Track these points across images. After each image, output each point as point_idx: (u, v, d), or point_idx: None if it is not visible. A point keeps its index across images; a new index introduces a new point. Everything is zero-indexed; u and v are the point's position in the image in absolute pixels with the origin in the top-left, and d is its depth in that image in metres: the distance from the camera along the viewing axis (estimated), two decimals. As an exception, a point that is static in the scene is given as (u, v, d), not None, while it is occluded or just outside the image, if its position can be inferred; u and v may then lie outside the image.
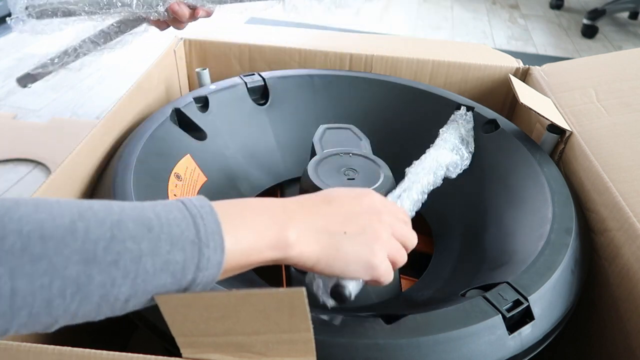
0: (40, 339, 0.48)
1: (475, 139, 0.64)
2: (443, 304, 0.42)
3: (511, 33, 1.99)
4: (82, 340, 0.57)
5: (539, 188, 0.54)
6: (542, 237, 0.48)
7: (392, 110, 0.71)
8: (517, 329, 0.40)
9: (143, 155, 0.54)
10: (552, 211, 0.50)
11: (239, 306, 0.28)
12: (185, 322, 0.29)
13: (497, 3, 2.35)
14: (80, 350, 0.33)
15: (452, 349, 0.38)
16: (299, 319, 0.29)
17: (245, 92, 0.69)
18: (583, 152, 0.58)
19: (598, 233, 0.53)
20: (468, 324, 0.38)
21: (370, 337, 0.37)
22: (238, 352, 0.31)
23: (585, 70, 0.72)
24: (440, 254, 0.59)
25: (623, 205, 0.50)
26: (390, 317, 0.39)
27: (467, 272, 0.52)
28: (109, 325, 0.63)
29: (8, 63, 1.48)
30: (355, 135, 0.61)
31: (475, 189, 0.61)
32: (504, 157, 0.61)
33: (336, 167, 0.53)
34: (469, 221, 0.60)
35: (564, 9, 2.31)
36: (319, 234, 0.34)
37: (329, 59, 0.80)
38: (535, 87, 0.73)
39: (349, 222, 0.36)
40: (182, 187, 0.56)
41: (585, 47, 1.90)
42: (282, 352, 0.31)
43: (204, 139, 0.63)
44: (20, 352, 0.33)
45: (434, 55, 0.79)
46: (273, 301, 0.28)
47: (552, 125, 0.63)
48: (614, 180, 0.52)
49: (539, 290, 0.42)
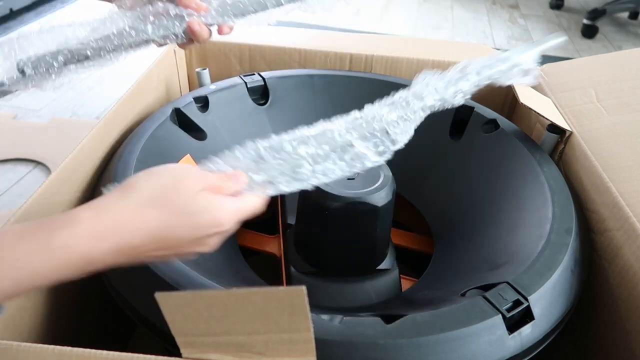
0: (40, 339, 0.48)
1: (476, 138, 0.64)
2: (443, 304, 0.42)
3: (511, 33, 1.99)
4: (82, 340, 0.57)
5: (539, 188, 0.54)
6: (542, 237, 0.48)
7: (392, 110, 0.71)
8: (517, 329, 0.40)
9: (143, 155, 0.54)
10: (552, 211, 0.50)
11: (240, 305, 0.28)
12: (185, 321, 0.30)
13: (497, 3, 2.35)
14: (80, 350, 0.33)
15: (452, 349, 0.38)
16: (299, 318, 0.29)
17: (245, 92, 0.69)
18: (583, 152, 0.58)
19: (598, 233, 0.53)
20: (468, 324, 0.38)
21: (370, 337, 0.37)
22: (238, 352, 0.31)
23: (585, 70, 0.72)
24: (440, 254, 0.59)
25: (623, 205, 0.50)
26: (390, 317, 0.39)
27: (467, 272, 0.52)
28: (109, 325, 0.63)
29: (8, 63, 1.48)
30: (355, 135, 0.61)
31: (475, 188, 0.61)
32: (504, 157, 0.61)
33: (336, 167, 0.53)
34: (469, 221, 0.60)
35: (564, 9, 2.31)
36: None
37: (329, 59, 0.80)
38: (535, 87, 0.73)
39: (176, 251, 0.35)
40: (182, 187, 0.56)
41: (585, 47, 1.90)
42: (282, 352, 0.31)
43: (204, 139, 0.63)
44: (20, 352, 0.33)
45: (434, 55, 0.79)
46: (273, 300, 0.28)
47: (552, 125, 0.62)
48: (614, 180, 0.52)
49: (539, 290, 0.42)
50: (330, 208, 0.49)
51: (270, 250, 0.63)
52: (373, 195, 0.50)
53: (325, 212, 0.50)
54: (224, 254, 0.54)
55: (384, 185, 0.51)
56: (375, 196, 0.50)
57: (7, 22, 1.73)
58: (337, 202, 0.49)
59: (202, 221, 0.35)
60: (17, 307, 0.45)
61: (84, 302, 0.57)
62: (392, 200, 0.52)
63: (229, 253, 0.55)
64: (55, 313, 0.50)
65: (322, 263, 0.54)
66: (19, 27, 1.71)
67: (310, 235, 0.55)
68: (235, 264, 0.53)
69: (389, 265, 0.56)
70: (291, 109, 0.71)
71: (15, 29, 1.69)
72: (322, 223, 0.51)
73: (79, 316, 0.56)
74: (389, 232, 0.57)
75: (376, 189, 0.50)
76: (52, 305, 0.50)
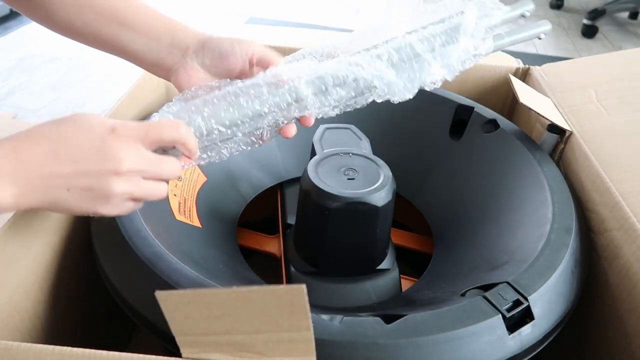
0: (40, 339, 0.48)
1: (476, 138, 0.64)
2: (443, 304, 0.42)
3: (511, 33, 1.99)
4: (82, 341, 0.57)
5: (539, 188, 0.54)
6: (542, 236, 0.48)
7: (392, 111, 0.71)
8: (517, 329, 0.40)
9: (143, 155, 0.54)
10: (552, 211, 0.50)
11: (240, 303, 0.28)
12: (185, 320, 0.30)
13: (497, 3, 2.34)
14: (81, 350, 0.33)
15: (452, 349, 0.38)
16: (299, 316, 0.29)
17: (245, 92, 0.69)
18: (583, 152, 0.58)
19: (598, 233, 0.53)
20: (468, 324, 0.38)
21: (370, 337, 0.37)
22: (238, 351, 0.31)
23: (585, 70, 0.72)
24: (440, 254, 0.59)
25: (623, 205, 0.50)
26: (390, 317, 0.39)
27: (467, 272, 0.52)
28: (109, 325, 0.63)
29: (8, 63, 1.48)
30: (355, 135, 0.61)
31: (475, 188, 0.61)
32: (504, 157, 0.61)
33: (336, 167, 0.53)
34: (469, 221, 0.60)
35: (564, 9, 2.31)
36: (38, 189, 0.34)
37: (329, 59, 0.80)
38: (535, 87, 0.73)
39: (77, 180, 0.35)
40: (182, 186, 0.56)
41: (585, 47, 1.90)
42: (282, 351, 0.31)
43: (204, 139, 0.63)
44: (20, 352, 0.33)
45: (434, 55, 0.78)
46: (273, 298, 0.28)
47: (552, 125, 0.63)
48: (614, 180, 0.52)
49: (539, 290, 0.42)
50: (330, 208, 0.49)
51: (270, 250, 0.63)
52: (373, 195, 0.50)
53: (325, 212, 0.50)
54: (224, 254, 0.54)
55: (384, 185, 0.51)
56: (375, 196, 0.50)
57: (7, 22, 1.74)
58: (337, 202, 0.49)
59: (99, 131, 0.35)
60: (17, 307, 0.45)
61: (84, 302, 0.57)
62: (392, 200, 0.52)
63: (229, 253, 0.55)
64: (55, 313, 0.50)
65: (322, 263, 0.54)
66: (18, 27, 1.71)
67: (310, 235, 0.55)
68: (235, 264, 0.53)
69: (389, 265, 0.56)
70: (291, 109, 0.71)
71: (15, 29, 1.69)
72: (322, 223, 0.51)
73: (79, 316, 0.56)
74: (389, 232, 0.57)
75: (376, 189, 0.50)
76: (52, 305, 0.50)
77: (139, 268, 0.42)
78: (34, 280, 0.47)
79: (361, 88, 0.45)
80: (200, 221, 0.55)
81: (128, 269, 0.44)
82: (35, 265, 0.47)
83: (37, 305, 0.48)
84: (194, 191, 0.58)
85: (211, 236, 0.55)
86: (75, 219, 0.53)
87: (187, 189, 0.57)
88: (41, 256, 0.48)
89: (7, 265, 0.44)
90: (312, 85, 0.43)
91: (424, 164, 0.67)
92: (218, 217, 0.59)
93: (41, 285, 0.48)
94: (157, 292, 0.28)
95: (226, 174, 0.63)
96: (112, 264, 0.45)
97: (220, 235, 0.57)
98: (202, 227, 0.55)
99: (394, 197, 0.52)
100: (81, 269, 0.54)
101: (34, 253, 0.47)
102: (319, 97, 0.44)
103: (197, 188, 0.58)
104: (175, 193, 0.55)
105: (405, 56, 0.45)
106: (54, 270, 0.50)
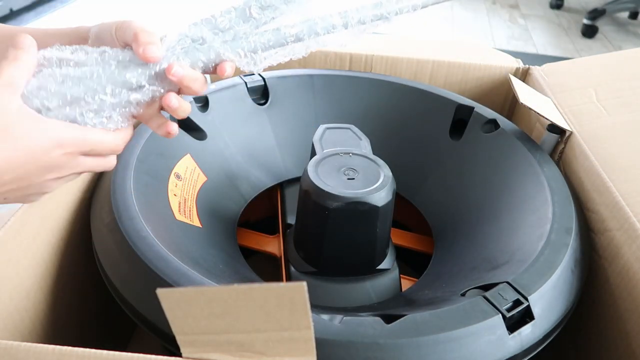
0: (40, 339, 0.48)
1: (476, 138, 0.64)
2: (443, 304, 0.42)
3: (511, 33, 1.99)
4: (82, 340, 0.57)
5: (539, 188, 0.54)
6: (542, 236, 0.48)
7: (392, 110, 0.71)
8: (517, 328, 0.40)
9: (143, 155, 0.54)
10: (552, 211, 0.50)
11: (240, 301, 0.28)
12: (186, 318, 0.29)
13: (497, 3, 2.35)
14: (81, 350, 0.33)
15: (452, 349, 0.38)
16: (299, 315, 0.29)
17: (245, 91, 0.69)
18: (583, 152, 0.58)
19: (598, 233, 0.53)
20: (468, 324, 0.38)
21: (370, 337, 0.37)
22: (238, 351, 0.31)
23: (585, 70, 0.72)
24: (440, 254, 0.59)
25: (623, 205, 0.50)
26: (390, 317, 0.39)
27: (467, 272, 0.52)
28: (109, 325, 0.63)
29: (8, 63, 1.48)
30: (355, 135, 0.61)
31: (475, 188, 0.61)
32: (504, 157, 0.61)
33: (336, 166, 0.53)
34: (469, 221, 0.60)
35: (564, 9, 2.31)
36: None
37: (329, 59, 0.80)
38: (535, 87, 0.73)
39: (15, 191, 0.36)
40: (182, 186, 0.56)
41: (585, 47, 1.90)
42: (282, 351, 0.31)
43: (204, 139, 0.63)
44: (20, 352, 0.33)
45: (434, 55, 0.79)
46: (274, 296, 0.28)
47: (552, 125, 0.63)
48: (614, 180, 0.52)
49: (539, 290, 0.42)
50: (330, 208, 0.49)
51: (270, 250, 0.63)
52: (373, 195, 0.50)
53: (325, 212, 0.50)
54: (224, 253, 0.54)
55: (384, 185, 0.51)
56: (375, 196, 0.50)
57: (7, 22, 1.74)
58: (337, 202, 0.49)
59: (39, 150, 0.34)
60: (17, 307, 0.45)
61: (84, 302, 0.57)
62: (392, 200, 0.52)
63: (229, 253, 0.55)
64: (55, 313, 0.50)
65: (322, 263, 0.54)
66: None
67: (310, 235, 0.55)
68: (235, 264, 0.53)
69: (389, 265, 0.56)
70: (291, 108, 0.71)
71: (15, 29, 1.69)
72: (322, 223, 0.51)
73: (79, 316, 0.56)
74: (389, 232, 0.57)
75: (376, 189, 0.50)
76: (52, 305, 0.50)
77: (139, 268, 0.42)
78: (34, 280, 0.47)
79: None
80: (200, 221, 0.55)
81: (128, 268, 0.44)
82: (35, 265, 0.47)
83: (37, 305, 0.48)
84: (194, 191, 0.58)
85: (211, 236, 0.55)
86: (75, 219, 0.53)
87: (187, 189, 0.57)
88: (41, 256, 0.48)
89: (7, 265, 0.44)
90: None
91: (424, 163, 0.67)
92: (218, 217, 0.59)
93: (41, 285, 0.48)
94: (159, 290, 0.28)
95: (226, 174, 0.63)
96: (112, 264, 0.45)
97: (220, 235, 0.57)
98: (202, 227, 0.55)
99: (394, 197, 0.52)
100: (81, 269, 0.54)
101: (34, 253, 0.47)
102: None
103: (197, 188, 0.59)
104: (175, 193, 0.55)
105: None
106: (54, 270, 0.50)
